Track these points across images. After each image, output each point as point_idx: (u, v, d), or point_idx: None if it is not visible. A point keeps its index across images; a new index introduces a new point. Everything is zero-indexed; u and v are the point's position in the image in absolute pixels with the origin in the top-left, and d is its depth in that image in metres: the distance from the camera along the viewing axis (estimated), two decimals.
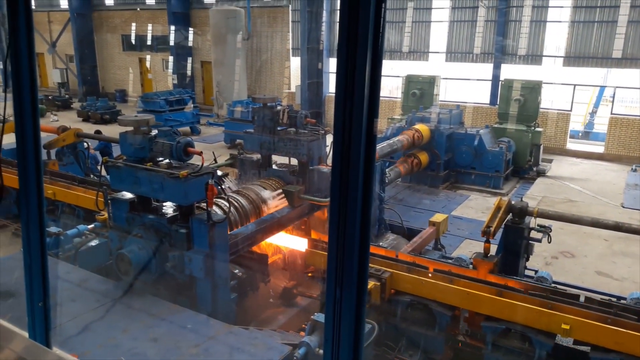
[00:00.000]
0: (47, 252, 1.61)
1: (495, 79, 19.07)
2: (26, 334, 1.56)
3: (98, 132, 13.36)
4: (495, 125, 15.42)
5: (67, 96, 27.59)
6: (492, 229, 6.70)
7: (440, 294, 6.09)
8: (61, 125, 12.24)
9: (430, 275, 6.18)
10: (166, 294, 5.98)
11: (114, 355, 4.76)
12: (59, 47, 30.97)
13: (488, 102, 19.52)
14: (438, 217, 8.02)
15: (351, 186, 1.02)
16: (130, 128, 6.02)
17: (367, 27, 0.98)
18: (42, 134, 8.42)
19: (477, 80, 19.87)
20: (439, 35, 20.41)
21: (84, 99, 25.97)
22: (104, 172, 6.40)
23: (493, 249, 6.83)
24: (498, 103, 16.51)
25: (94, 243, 7.41)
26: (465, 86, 20.29)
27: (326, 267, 1.13)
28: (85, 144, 11.85)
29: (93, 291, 6.01)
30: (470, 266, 6.71)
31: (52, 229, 7.68)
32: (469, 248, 9.51)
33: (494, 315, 5.81)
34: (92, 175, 11.27)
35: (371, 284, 5.84)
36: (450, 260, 6.97)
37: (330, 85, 22.12)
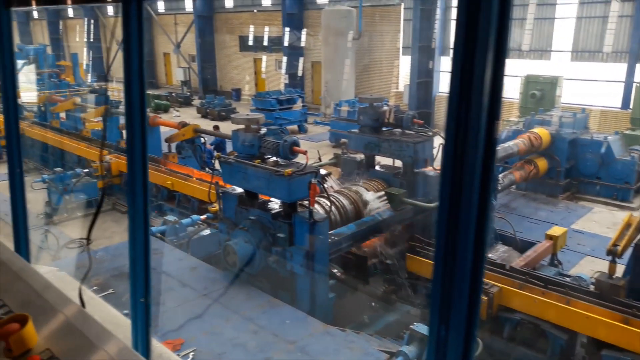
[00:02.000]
0: (150, 249, 1.66)
1: (629, 80, 17.16)
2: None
3: (216, 127, 14.15)
4: (627, 132, 13.87)
5: (188, 93, 29.69)
6: (619, 248, 6.01)
7: (554, 314, 5.57)
8: (182, 120, 13.15)
9: (544, 293, 5.68)
10: (267, 287, 6.13)
11: (217, 343, 4.95)
12: (183, 48, 33.39)
13: (619, 106, 17.64)
14: (556, 230, 7.36)
15: (463, 208, 0.87)
16: (242, 126, 6.25)
17: (489, 21, 0.83)
18: (165, 129, 9.06)
19: (607, 81, 18.03)
20: (563, 33, 18.84)
21: (203, 97, 27.76)
22: (217, 167, 6.74)
23: (620, 270, 6.12)
24: (632, 107, 14.82)
25: (205, 233, 7.84)
26: (592, 88, 18.50)
27: (430, 298, 0.99)
28: (202, 139, 12.61)
29: (202, 278, 6.34)
30: (591, 286, 6.08)
31: (169, 217, 8.24)
32: (590, 266, 8.62)
33: (618, 345, 5.19)
34: (207, 169, 11.96)
35: None
36: (568, 279, 6.36)
37: (441, 84, 21.41)
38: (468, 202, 0.86)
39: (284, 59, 26.36)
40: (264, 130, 6.27)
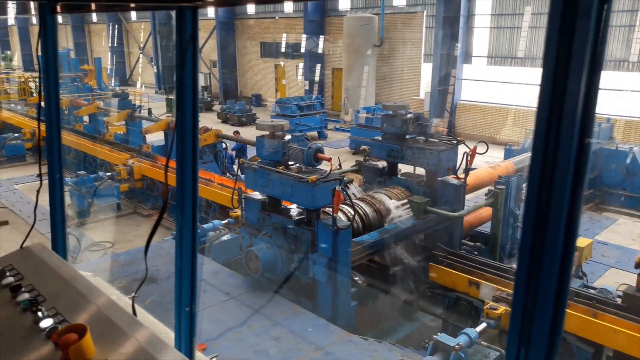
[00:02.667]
0: (197, 258, 1.67)
1: None
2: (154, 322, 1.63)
3: (237, 132, 14.26)
4: None
5: (209, 99, 29.96)
6: None
7: (580, 327, 5.47)
8: (203, 126, 13.27)
9: (569, 305, 5.58)
10: (289, 294, 6.13)
11: (239, 348, 4.96)
12: (204, 53, 33.75)
13: None
14: (581, 242, 7.23)
15: (551, 228, 0.85)
16: (266, 132, 6.28)
17: (587, 30, 0.81)
18: None
19: (633, 91, 17.72)
20: None
21: (223, 102, 27.99)
22: (238, 172, 6.77)
23: None
24: None
25: (226, 238, 7.87)
26: (617, 97, 18.20)
27: (510, 317, 0.97)
28: (223, 144, 12.71)
29: (223, 284, 6.37)
30: (618, 299, 5.95)
31: None
32: (615, 278, 8.46)
33: None
34: (227, 174, 12.04)
35: (502, 309, 5.42)
36: (593, 291, 6.24)
37: (463, 92, 21.28)
38: (556, 221, 0.84)
39: (301, 65, 26.48)
40: (288, 136, 6.29)
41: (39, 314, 1.64)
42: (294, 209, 6.48)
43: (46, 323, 1.59)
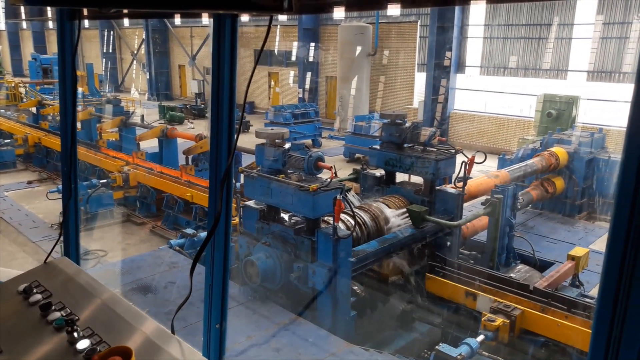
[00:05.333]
0: (229, 274, 1.63)
1: None
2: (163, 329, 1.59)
3: None
4: None
5: (202, 105, 29.87)
6: None
7: (579, 339, 5.46)
8: (199, 133, 13.22)
9: (567, 317, 5.58)
10: (288, 304, 6.08)
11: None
12: (198, 60, 33.71)
13: None
14: (578, 251, 7.27)
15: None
16: (263, 140, 6.26)
17: None
18: (181, 140, 9.14)
19: (626, 102, 17.94)
20: (580, 53, 18.79)
21: None
22: (236, 180, 6.72)
23: None
24: None
25: None
26: (610, 108, 18.40)
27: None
28: None
29: None
30: None
31: (188, 230, 8.25)
32: None
33: None
34: None
35: (499, 321, 5.41)
36: (590, 300, 6.25)
37: (457, 102, 21.42)
38: None
39: (292, 73, 26.53)
40: (287, 145, 6.28)
41: (75, 334, 1.55)
42: (287, 217, 6.46)
43: (83, 344, 1.51)
